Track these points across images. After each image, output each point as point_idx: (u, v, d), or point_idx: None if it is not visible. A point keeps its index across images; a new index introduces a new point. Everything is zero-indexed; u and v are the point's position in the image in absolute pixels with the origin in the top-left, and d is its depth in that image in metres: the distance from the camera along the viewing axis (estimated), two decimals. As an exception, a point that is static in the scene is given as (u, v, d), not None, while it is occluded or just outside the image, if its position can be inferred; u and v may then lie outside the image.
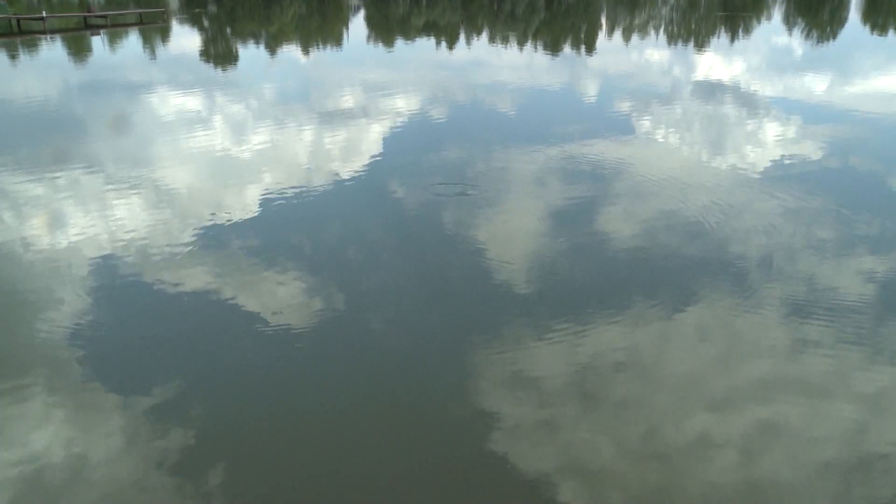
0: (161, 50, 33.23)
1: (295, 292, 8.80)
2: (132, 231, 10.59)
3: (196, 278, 9.14)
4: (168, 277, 9.16)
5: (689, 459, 6.06)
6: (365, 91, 22.23)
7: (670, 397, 6.87)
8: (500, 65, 29.29)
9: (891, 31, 42.27)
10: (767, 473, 5.91)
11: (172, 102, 20.10)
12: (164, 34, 38.61)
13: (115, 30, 38.69)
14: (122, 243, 10.16)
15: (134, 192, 12.28)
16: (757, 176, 13.31)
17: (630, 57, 32.18)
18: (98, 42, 34.35)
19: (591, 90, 23.64)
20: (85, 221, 10.98)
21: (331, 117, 18.14)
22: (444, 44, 37.18)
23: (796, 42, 37.56)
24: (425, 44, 37.43)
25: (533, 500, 5.64)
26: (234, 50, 34.22)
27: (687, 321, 8.19)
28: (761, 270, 9.39)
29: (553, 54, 33.45)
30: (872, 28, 44.08)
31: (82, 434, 6.31)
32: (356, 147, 15.36)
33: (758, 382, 7.11)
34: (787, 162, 14.28)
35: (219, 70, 27.23)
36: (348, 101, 20.62)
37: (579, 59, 31.21)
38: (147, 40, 35.99)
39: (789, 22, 47.75)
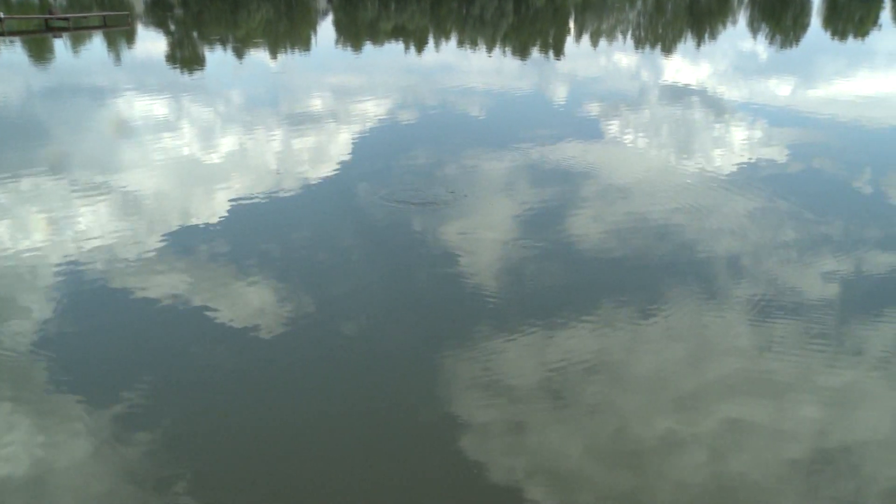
0: (126, 54, 32.74)
1: (262, 298, 8.67)
2: (97, 237, 10.36)
3: (163, 284, 8.97)
4: (134, 284, 8.98)
5: (658, 459, 6.05)
6: (334, 95, 22.07)
7: (639, 398, 6.86)
8: (469, 69, 29.29)
9: (850, 38, 43.04)
10: (736, 472, 5.92)
11: (139, 107, 19.77)
12: (130, 38, 38.03)
13: (77, 33, 38.01)
14: (88, 249, 9.94)
15: (99, 197, 12.03)
16: (724, 178, 13.42)
17: (598, 61, 32.37)
18: (60, 45, 33.73)
19: (560, 94, 23.72)
20: (48, 227, 10.73)
21: (299, 122, 17.97)
22: (413, 48, 37.10)
23: (761, 47, 38.10)
24: (394, 48, 37.34)
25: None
26: (201, 54, 33.80)
27: (655, 323, 8.20)
28: (727, 271, 9.45)
29: (522, 59, 33.54)
30: (833, 34, 44.86)
31: (47, 443, 6.14)
32: (325, 152, 15.22)
33: (725, 382, 7.14)
34: (753, 165, 14.43)
35: (186, 74, 26.87)
36: (317, 105, 20.46)
37: (548, 64, 31.32)
38: (112, 44, 35.44)
39: (754, 27, 48.42)
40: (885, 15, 51.34)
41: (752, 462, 6.05)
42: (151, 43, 37.01)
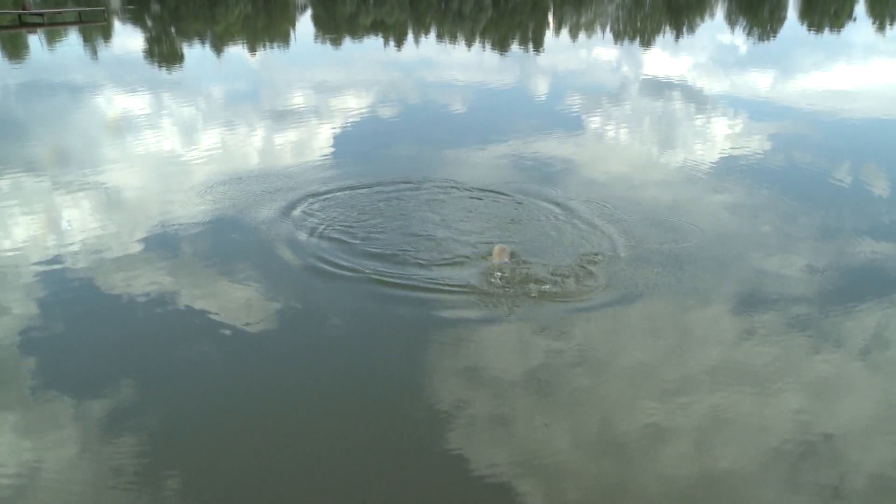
0: (103, 50, 32.37)
1: (248, 295, 8.63)
2: (79, 235, 10.27)
3: (147, 282, 8.90)
4: (119, 282, 8.90)
5: (642, 451, 6.10)
6: (315, 91, 21.96)
7: (624, 389, 6.92)
8: (449, 64, 29.25)
9: (826, 30, 43.47)
10: (720, 462, 5.99)
11: (119, 103, 19.57)
12: (106, 33, 37.63)
13: (52, 28, 37.55)
14: (70, 248, 9.84)
15: (80, 194, 11.92)
16: (705, 170, 13.51)
17: (578, 55, 32.47)
18: (35, 41, 33.31)
19: (541, 88, 23.76)
20: (29, 226, 10.61)
21: (280, 117, 17.87)
22: (392, 43, 37.01)
23: (739, 40, 38.37)
24: (373, 43, 37.23)
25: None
26: (179, 50, 33.51)
27: (639, 314, 8.25)
28: (709, 262, 9.52)
29: (501, 53, 33.56)
30: (809, 27, 45.29)
31: (34, 442, 6.09)
32: (306, 148, 15.14)
33: (708, 373, 7.20)
34: (735, 157, 14.53)
35: (164, 70, 26.64)
36: (298, 101, 20.35)
37: (528, 58, 31.36)
38: (88, 40, 35.04)
39: (731, 20, 48.72)
40: (860, 7, 51.88)
41: (737, 451, 6.12)
42: (129, 38, 36.64)
